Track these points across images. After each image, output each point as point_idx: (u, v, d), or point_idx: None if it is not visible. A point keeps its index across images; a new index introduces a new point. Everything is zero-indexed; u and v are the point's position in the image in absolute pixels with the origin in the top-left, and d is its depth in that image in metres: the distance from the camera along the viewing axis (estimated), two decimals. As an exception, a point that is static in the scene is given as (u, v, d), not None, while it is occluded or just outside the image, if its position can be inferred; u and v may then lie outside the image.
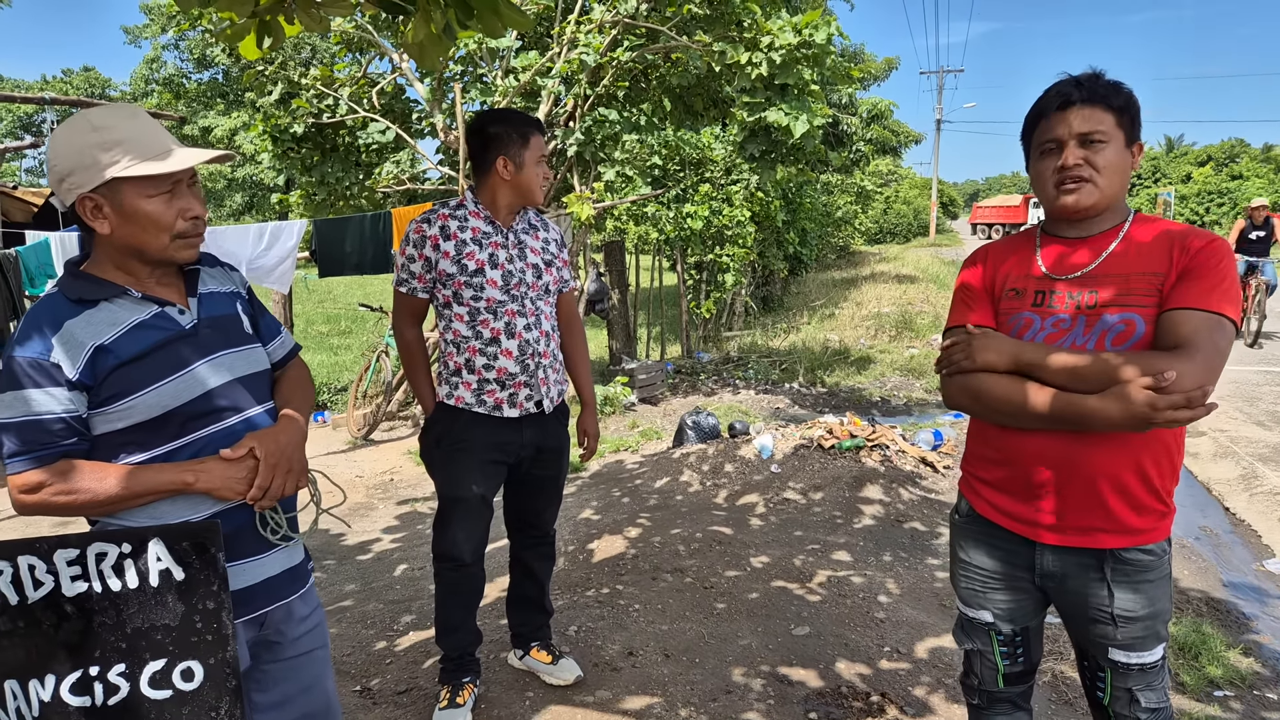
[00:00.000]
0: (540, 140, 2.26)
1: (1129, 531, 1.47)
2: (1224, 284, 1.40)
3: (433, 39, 2.24)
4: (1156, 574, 1.49)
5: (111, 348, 1.29)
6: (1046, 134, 1.50)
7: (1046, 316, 1.51)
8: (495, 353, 2.23)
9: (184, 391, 1.34)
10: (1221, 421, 6.23)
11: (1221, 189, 31.29)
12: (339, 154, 7.38)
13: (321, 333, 12.24)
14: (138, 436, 1.32)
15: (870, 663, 2.70)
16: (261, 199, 30.17)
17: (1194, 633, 2.92)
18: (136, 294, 1.35)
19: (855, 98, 19.58)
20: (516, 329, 2.24)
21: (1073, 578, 1.53)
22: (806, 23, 5.50)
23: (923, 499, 4.45)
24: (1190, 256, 1.42)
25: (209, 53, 30.50)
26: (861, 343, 10.53)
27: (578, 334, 2.52)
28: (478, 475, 2.29)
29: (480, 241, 2.24)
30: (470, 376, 2.26)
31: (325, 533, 4.37)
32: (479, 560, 2.40)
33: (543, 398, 2.31)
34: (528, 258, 2.29)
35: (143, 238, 1.32)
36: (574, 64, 6.07)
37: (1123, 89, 1.48)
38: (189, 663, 1.28)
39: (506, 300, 2.23)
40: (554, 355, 2.36)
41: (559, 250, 2.39)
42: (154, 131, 1.32)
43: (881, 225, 37.60)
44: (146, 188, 1.30)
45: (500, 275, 2.23)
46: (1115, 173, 1.47)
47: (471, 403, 2.27)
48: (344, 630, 3.06)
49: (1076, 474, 1.47)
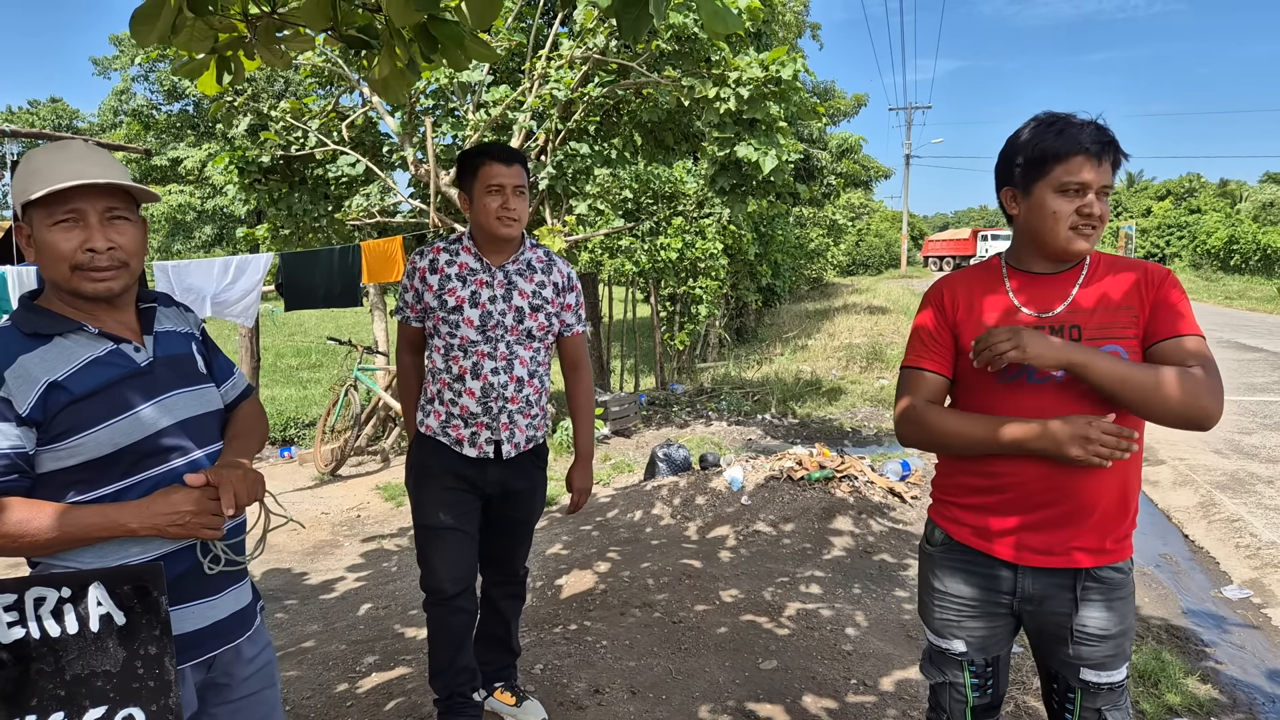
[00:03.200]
0: (493, 169, 2.17)
1: (1104, 551, 1.52)
2: (1189, 308, 1.52)
3: (397, 74, 2.26)
4: (1126, 591, 1.55)
5: (65, 384, 1.27)
6: (1074, 175, 1.47)
7: None
8: (460, 390, 2.21)
9: (135, 430, 1.32)
10: (1181, 450, 6.36)
11: (1180, 222, 32.28)
12: (307, 186, 7.38)
13: (290, 366, 12.08)
14: (86, 475, 1.29)
15: (837, 696, 2.69)
16: (231, 231, 29.93)
17: (1154, 660, 2.95)
18: (93, 330, 1.33)
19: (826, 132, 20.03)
20: (483, 371, 2.20)
21: (1051, 599, 1.56)
22: (773, 59, 5.64)
23: (891, 530, 4.47)
24: (1157, 290, 1.51)
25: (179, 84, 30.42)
26: (833, 373, 10.64)
27: (581, 382, 2.42)
28: (444, 504, 2.26)
29: (465, 278, 2.22)
30: (439, 408, 2.25)
31: (288, 572, 4.28)
32: (464, 593, 2.31)
33: (503, 442, 2.24)
34: (513, 299, 2.23)
35: (46, 268, 1.32)
36: (545, 99, 6.16)
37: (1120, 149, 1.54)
38: (130, 709, 1.24)
39: (480, 341, 2.20)
40: (527, 402, 2.26)
41: (558, 294, 2.30)
42: (72, 160, 1.30)
43: (854, 257, 38.24)
44: (45, 216, 1.29)
45: (478, 315, 2.20)
46: (1104, 223, 1.54)
47: (437, 432, 2.27)
48: (304, 673, 2.98)
49: (1064, 496, 1.50)
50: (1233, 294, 21.97)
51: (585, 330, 2.40)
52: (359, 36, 2.08)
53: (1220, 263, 28.11)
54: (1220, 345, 12.21)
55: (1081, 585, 1.52)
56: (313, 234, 7.83)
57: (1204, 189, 40.79)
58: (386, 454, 6.80)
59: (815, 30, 25.24)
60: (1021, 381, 1.51)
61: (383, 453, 6.81)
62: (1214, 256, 28.41)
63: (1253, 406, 8.02)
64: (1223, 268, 27.95)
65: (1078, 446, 1.42)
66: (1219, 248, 28.20)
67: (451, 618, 2.31)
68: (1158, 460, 6.14)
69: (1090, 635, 1.53)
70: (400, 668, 2.97)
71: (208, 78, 2.10)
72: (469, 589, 2.32)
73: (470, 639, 2.37)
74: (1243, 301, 20.11)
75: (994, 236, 34.44)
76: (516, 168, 2.18)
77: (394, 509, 5.44)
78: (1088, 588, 1.52)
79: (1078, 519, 1.51)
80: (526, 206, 2.23)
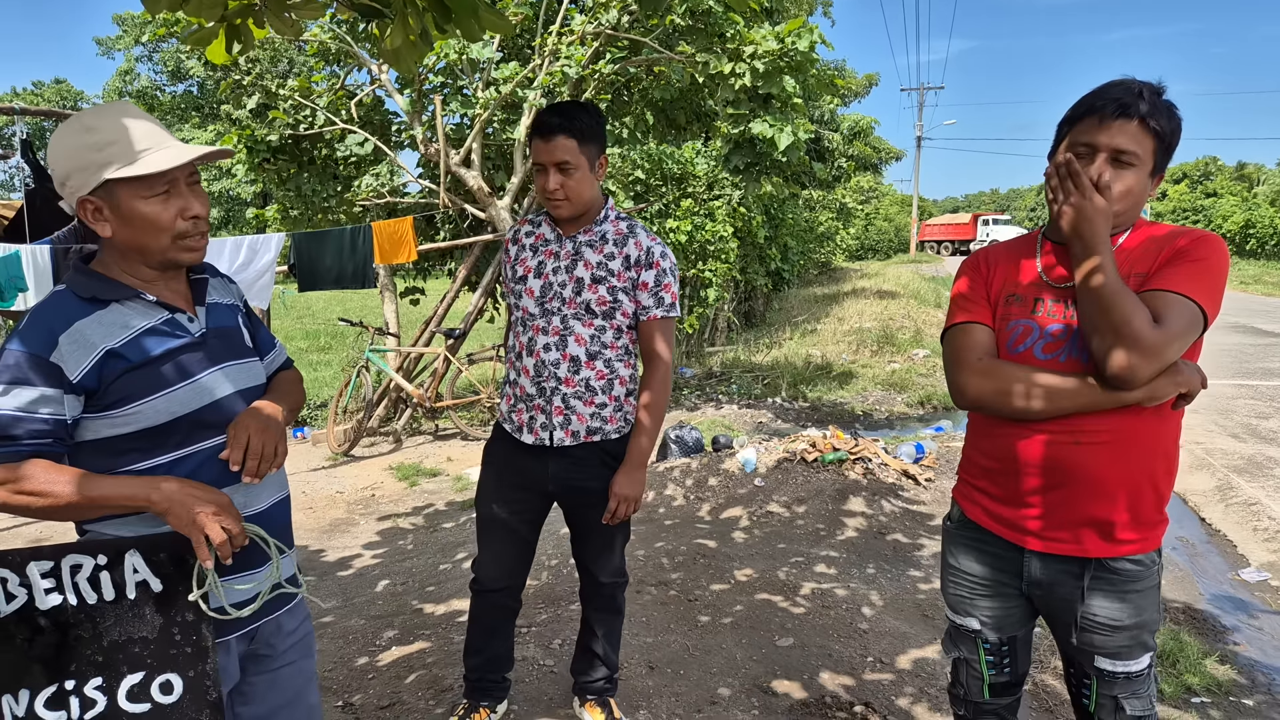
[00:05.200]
0: (535, 146, 2.00)
1: (1121, 541, 1.46)
2: (1200, 270, 1.39)
3: (409, 45, 2.23)
4: (1145, 584, 1.49)
5: (123, 352, 1.26)
6: (1085, 135, 1.41)
7: (1046, 324, 1.49)
8: (519, 368, 2.11)
9: (192, 400, 1.31)
10: (1197, 434, 6.32)
11: (1196, 206, 31.95)
12: (316, 166, 7.33)
13: (301, 349, 12.11)
14: (141, 443, 1.29)
15: (854, 673, 2.70)
16: (238, 213, 29.91)
17: (1172, 641, 2.94)
18: (150, 298, 1.32)
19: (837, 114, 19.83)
20: (536, 347, 2.07)
21: (1060, 585, 1.53)
22: (789, 31, 5.56)
23: (904, 511, 4.47)
24: (1174, 249, 1.42)
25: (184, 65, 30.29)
26: (843, 358, 10.60)
27: (652, 374, 2.11)
28: (499, 496, 2.18)
29: (537, 249, 2.12)
30: (508, 389, 2.16)
31: (304, 549, 4.30)
32: (503, 590, 2.25)
33: (555, 429, 2.08)
34: (575, 270, 2.05)
35: (143, 240, 1.29)
36: (556, 76, 6.10)
37: (1175, 115, 1.42)
38: (167, 675, 1.25)
39: (536, 315, 2.07)
40: (586, 386, 2.06)
41: (628, 268, 2.05)
42: (146, 128, 1.28)
43: (863, 242, 38.01)
44: (141, 189, 1.26)
45: (540, 285, 2.07)
46: (1136, 195, 1.42)
47: (505, 417, 2.18)
48: (325, 646, 3.00)
49: (1073, 480, 1.46)
50: (1248, 279, 21.77)
51: (671, 318, 2.09)
52: (371, 4, 2.05)
53: (1236, 247, 27.84)
54: (1236, 330, 12.12)
55: (1090, 575, 1.48)
56: (322, 215, 7.80)
57: (1221, 172, 40.28)
58: (399, 435, 6.82)
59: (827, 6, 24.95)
60: (1029, 354, 1.49)
61: (395, 434, 6.83)
62: (1230, 240, 28.14)
63: (1269, 391, 7.97)
64: (1239, 252, 27.69)
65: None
66: (1235, 231, 27.92)
67: (488, 610, 2.29)
68: (1173, 444, 6.11)
69: (1100, 625, 1.49)
70: (420, 642, 2.99)
71: (217, 46, 2.08)
72: (510, 587, 2.26)
73: (507, 630, 2.34)
74: (1258, 286, 19.94)
75: (996, 221, 34.16)
76: (559, 140, 1.96)
77: (408, 489, 5.46)
78: (1097, 577, 1.48)
79: (1086, 504, 1.46)
80: (585, 177, 2.01)
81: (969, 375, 1.53)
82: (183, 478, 1.28)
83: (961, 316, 1.59)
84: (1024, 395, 1.45)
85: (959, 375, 1.55)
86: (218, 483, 1.31)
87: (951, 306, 1.65)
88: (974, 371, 1.53)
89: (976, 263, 1.65)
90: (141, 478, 1.27)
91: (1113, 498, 1.45)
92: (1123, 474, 1.45)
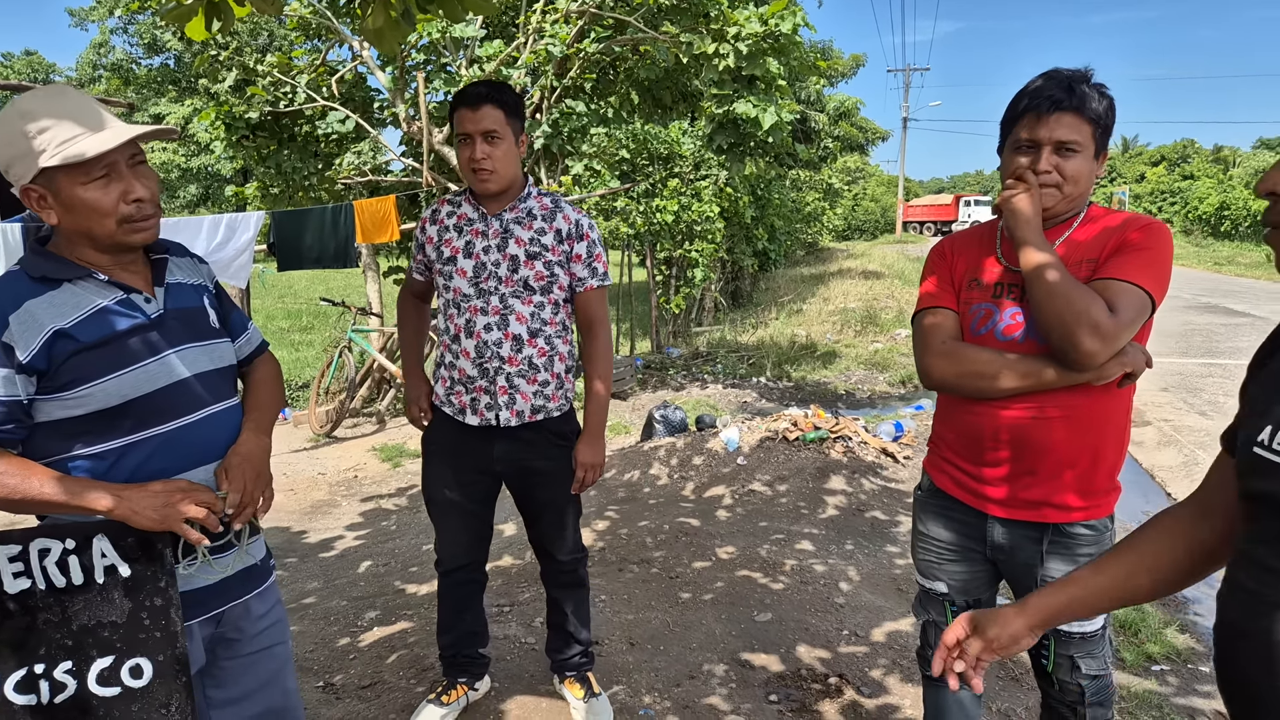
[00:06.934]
0: (461, 115, 1.97)
1: (1076, 508, 1.55)
2: (1147, 259, 1.46)
3: (391, 24, 2.19)
4: (1098, 548, 1.57)
5: (72, 332, 1.25)
6: (1027, 132, 1.51)
7: (1005, 308, 1.56)
8: (458, 350, 2.09)
9: (145, 383, 1.30)
10: (1166, 412, 6.44)
11: (1173, 189, 32.17)
12: (297, 144, 7.24)
13: (282, 328, 12.01)
14: (93, 426, 1.27)
15: (829, 646, 2.75)
16: (217, 190, 29.46)
17: (1134, 612, 3.02)
18: (102, 278, 1.30)
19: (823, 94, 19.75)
20: (476, 328, 2.05)
21: (1020, 550, 1.61)
22: (773, 12, 5.53)
23: (883, 488, 4.52)
24: (1122, 239, 1.49)
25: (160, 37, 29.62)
26: (828, 337, 10.64)
27: (595, 343, 2.17)
28: (447, 479, 2.18)
29: (461, 229, 2.09)
30: (444, 373, 2.14)
31: (286, 531, 4.30)
32: (464, 567, 2.28)
33: (500, 409, 2.08)
34: (508, 249, 2.05)
35: (87, 225, 1.27)
36: (540, 55, 6.03)
37: (1106, 96, 1.50)
38: (137, 659, 1.25)
39: (472, 295, 2.05)
40: (530, 365, 2.07)
41: (561, 242, 2.07)
42: (81, 112, 1.25)
43: (849, 222, 38.02)
44: (78, 175, 1.24)
45: (472, 266, 2.05)
46: (1080, 181, 1.52)
47: (443, 400, 2.16)
48: (306, 627, 3.01)
49: (1032, 452, 1.54)
50: (1222, 260, 21.99)
51: (605, 286, 2.15)
52: (353, -19, 2.02)
53: (1211, 229, 28.10)
54: (1208, 310, 12.28)
55: (1049, 539, 1.57)
56: (303, 193, 7.71)
57: (1198, 155, 40.58)
58: (382, 416, 6.80)
59: (814, -13, 24.73)
60: (990, 337, 1.57)
61: (378, 414, 6.81)
62: (1205, 222, 28.39)
63: (1237, 370, 8.05)
64: (1214, 234, 27.94)
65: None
66: (1211, 214, 28.16)
67: (453, 588, 2.31)
68: (1144, 421, 6.20)
69: None
70: (402, 622, 3.00)
71: (196, 24, 2.03)
72: (473, 562, 2.29)
73: (477, 605, 2.36)
74: (1232, 267, 20.15)
75: (978, 203, 34.35)
76: (486, 109, 1.94)
77: (391, 470, 5.46)
78: (1055, 542, 1.57)
79: (1042, 473, 1.54)
80: (510, 150, 2.00)
81: (934, 358, 1.61)
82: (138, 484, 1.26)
83: (927, 302, 1.68)
84: (984, 376, 1.54)
85: (925, 358, 1.63)
86: (174, 468, 1.31)
87: (921, 290, 1.72)
88: (938, 354, 1.61)
89: (942, 250, 1.73)
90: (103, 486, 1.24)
91: (1068, 468, 1.54)
92: (1077, 446, 1.53)
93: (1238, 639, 0.87)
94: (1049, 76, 1.52)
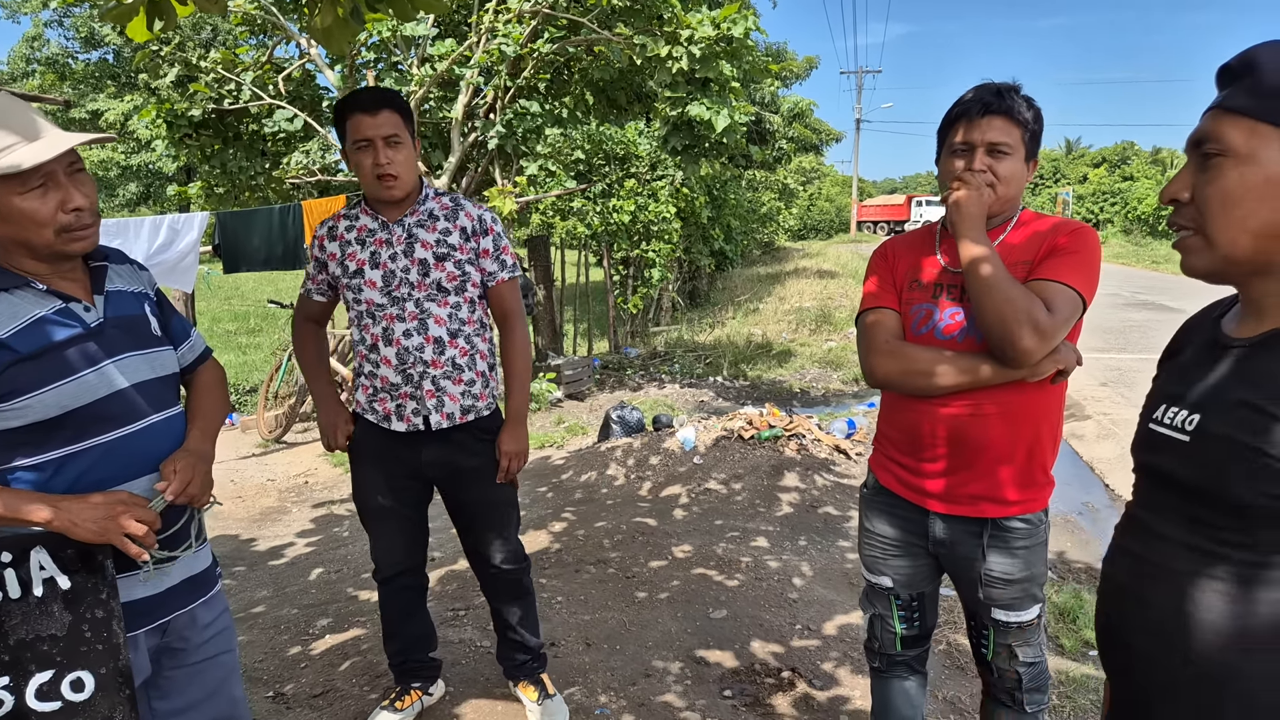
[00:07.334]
0: (358, 121, 1.94)
1: (1012, 502, 1.61)
2: (1078, 261, 1.54)
3: (340, 22, 2.17)
4: (1034, 540, 1.64)
5: (8, 342, 1.22)
6: (961, 135, 1.59)
7: (945, 308, 1.63)
8: (377, 359, 2.06)
9: (85, 393, 1.27)
10: (1105, 406, 6.69)
11: (1114, 189, 33.36)
12: (243, 142, 7.06)
13: (229, 331, 11.71)
14: (32, 437, 1.25)
15: (783, 641, 2.80)
16: (159, 189, 28.48)
17: (1074, 600, 3.14)
18: (40, 287, 1.27)
19: (778, 96, 19.99)
20: (395, 335, 2.04)
21: (960, 544, 1.66)
22: (725, 16, 5.59)
23: (836, 485, 4.61)
24: (1054, 243, 1.57)
25: (97, 30, 28.54)
26: (783, 336, 10.79)
27: (512, 334, 2.19)
28: (379, 486, 2.16)
29: (364, 241, 2.06)
30: (365, 382, 2.12)
31: (234, 539, 4.21)
32: (403, 574, 2.26)
33: (430, 413, 2.07)
34: (415, 253, 2.04)
35: (25, 236, 1.24)
36: (493, 54, 6.00)
37: (1033, 106, 1.58)
38: (78, 673, 1.23)
39: (386, 304, 2.04)
40: (454, 365, 2.07)
41: (467, 239, 2.08)
42: (15, 120, 1.22)
43: (805, 222, 38.56)
44: (14, 185, 1.21)
45: (380, 275, 2.03)
46: (1012, 182, 1.59)
47: (365, 409, 2.14)
48: (255, 637, 2.96)
49: (969, 448, 1.59)
50: (1160, 259, 22.88)
51: (516, 277, 2.16)
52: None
53: (1149, 228, 29.21)
54: (1145, 307, 12.77)
55: (988, 534, 1.63)
56: (249, 192, 7.52)
57: (1137, 157, 42.14)
58: (334, 419, 6.68)
59: (768, -11, 25.06)
60: (930, 336, 1.63)
61: (330, 418, 6.69)
62: (1144, 222, 29.50)
63: (1175, 365, 8.43)
64: (1151, 233, 29.04)
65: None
66: (1149, 214, 29.27)
67: (394, 595, 2.30)
68: (1084, 415, 6.44)
69: (995, 579, 1.63)
70: (355, 629, 2.97)
71: (137, 23, 1.98)
72: (411, 568, 2.28)
73: (421, 609, 2.36)
74: (1169, 266, 20.97)
75: (929, 203, 35.14)
76: (386, 114, 1.93)
77: (343, 474, 5.37)
78: (994, 536, 1.62)
79: (979, 468, 1.60)
80: (411, 155, 2.01)
81: (877, 357, 1.66)
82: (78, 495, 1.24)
83: (870, 302, 1.73)
84: (925, 374, 1.59)
85: (868, 357, 1.69)
86: (115, 478, 1.29)
87: (865, 291, 1.78)
88: (881, 353, 1.66)
89: (884, 252, 1.79)
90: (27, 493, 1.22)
91: (1005, 463, 1.60)
92: (1012, 442, 1.59)
93: (1123, 600, 0.94)
94: (981, 87, 1.60)
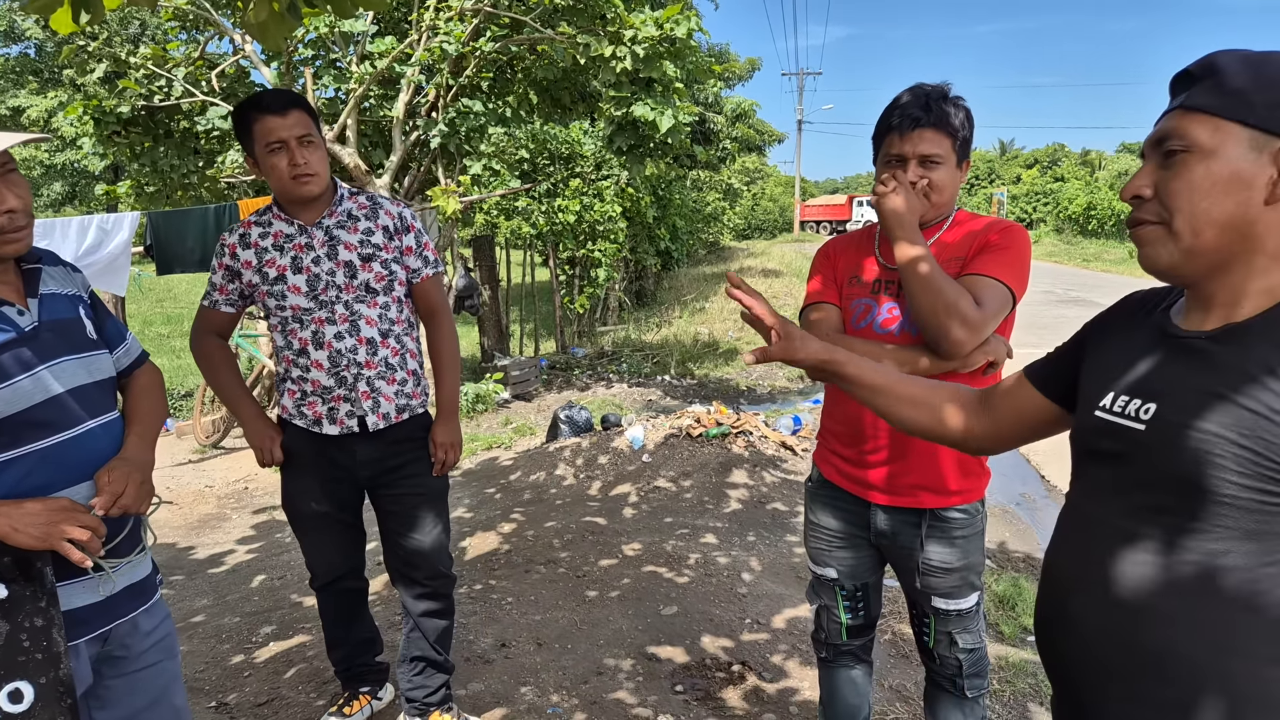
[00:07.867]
0: (268, 123, 1.89)
1: (950, 493, 1.68)
2: (1008, 258, 1.62)
3: (276, 18, 2.13)
4: (971, 530, 1.71)
5: None
6: (893, 148, 1.65)
7: (883, 303, 1.69)
8: (307, 364, 2.03)
9: (19, 399, 1.24)
10: (1039, 398, 6.96)
11: (1046, 190, 34.70)
12: (174, 140, 6.82)
13: (161, 334, 11.30)
14: None
15: (732, 635, 2.86)
16: (85, 188, 27.22)
17: (1012, 588, 3.28)
18: None
19: (721, 96, 20.21)
20: (325, 338, 2.01)
21: (901, 534, 1.73)
22: (667, 16, 5.64)
23: (783, 480, 4.71)
24: (985, 241, 1.65)
25: (18, 24, 27.10)
26: (730, 335, 10.94)
27: (440, 330, 2.20)
28: (313, 491, 2.12)
29: (282, 246, 2.01)
30: (292, 386, 2.07)
31: (172, 548, 4.08)
32: (341, 578, 2.23)
33: (366, 414, 2.05)
34: (339, 255, 2.01)
35: None
36: (435, 52, 5.93)
37: (962, 110, 1.64)
38: (17, 683, 1.20)
39: (314, 308, 2.00)
40: (387, 365, 2.06)
41: (390, 238, 2.06)
42: None
43: (749, 221, 39.06)
44: None
45: (305, 280, 1.99)
46: (945, 189, 1.67)
47: (293, 414, 2.08)
48: (196, 647, 2.89)
49: (909, 442, 1.65)
50: (1089, 257, 23.92)
51: (440, 273, 2.17)
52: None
53: (1080, 228, 30.47)
54: (1075, 304, 13.34)
55: (926, 524, 1.69)
56: (182, 191, 7.27)
57: (1067, 158, 43.95)
58: (275, 424, 6.52)
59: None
60: (869, 330, 1.70)
61: (271, 423, 6.53)
62: (1074, 222, 30.75)
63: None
64: (1082, 232, 30.30)
65: None
66: (1079, 214, 30.54)
67: (333, 600, 2.27)
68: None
69: (935, 568, 1.70)
70: (300, 636, 2.92)
71: (62, 15, 1.91)
72: (348, 571, 2.25)
73: (362, 613, 2.33)
74: (1098, 263, 21.96)
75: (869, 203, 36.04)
76: (295, 114, 1.91)
77: (286, 480, 5.26)
78: (932, 526, 1.69)
79: (917, 459, 1.67)
80: (323, 155, 1.99)
81: None
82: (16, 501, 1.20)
83: (813, 299, 1.80)
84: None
85: None
86: (53, 485, 1.26)
87: (808, 288, 1.84)
88: None
89: (826, 251, 1.86)
90: None
91: (942, 456, 1.66)
92: None
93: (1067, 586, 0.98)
94: (912, 92, 1.66)
